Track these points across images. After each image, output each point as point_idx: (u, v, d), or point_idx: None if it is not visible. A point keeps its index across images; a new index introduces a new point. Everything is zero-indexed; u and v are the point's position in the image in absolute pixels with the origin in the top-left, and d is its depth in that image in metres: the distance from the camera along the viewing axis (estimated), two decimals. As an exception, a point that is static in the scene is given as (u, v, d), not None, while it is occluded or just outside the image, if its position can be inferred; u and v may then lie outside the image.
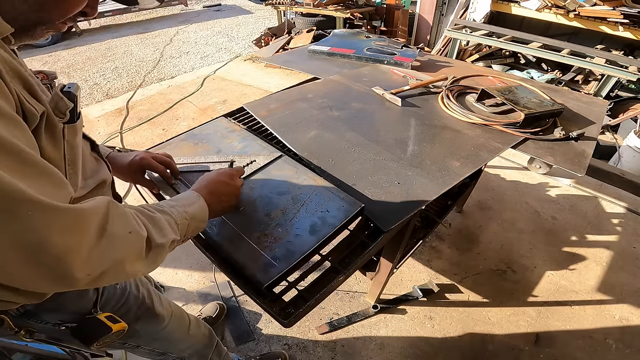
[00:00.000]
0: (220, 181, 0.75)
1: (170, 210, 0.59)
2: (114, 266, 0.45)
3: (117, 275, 0.46)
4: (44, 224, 0.38)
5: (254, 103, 1.35)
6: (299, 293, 0.73)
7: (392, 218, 0.86)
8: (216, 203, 0.72)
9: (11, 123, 0.40)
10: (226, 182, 0.76)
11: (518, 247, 2.02)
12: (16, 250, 0.37)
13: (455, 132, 1.23)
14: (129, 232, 0.47)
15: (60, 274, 0.40)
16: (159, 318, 0.87)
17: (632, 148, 2.59)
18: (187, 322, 1.00)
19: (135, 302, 0.80)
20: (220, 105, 3.57)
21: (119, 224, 0.46)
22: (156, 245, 0.52)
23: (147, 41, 5.77)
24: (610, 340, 1.59)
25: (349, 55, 1.83)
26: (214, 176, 0.76)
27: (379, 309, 1.67)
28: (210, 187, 0.73)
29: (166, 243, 0.54)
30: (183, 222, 0.60)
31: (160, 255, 0.53)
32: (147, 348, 0.89)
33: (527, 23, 4.26)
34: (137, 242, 0.49)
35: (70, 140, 0.54)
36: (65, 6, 0.49)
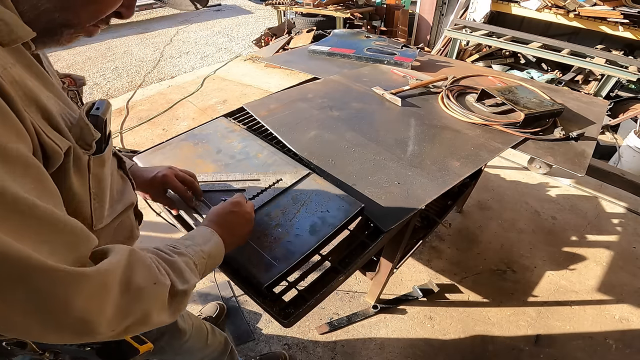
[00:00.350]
0: (229, 211, 0.71)
1: (186, 251, 0.55)
2: (140, 319, 0.42)
3: (143, 327, 0.44)
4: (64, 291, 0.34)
5: (254, 103, 1.35)
6: (299, 293, 0.73)
7: (392, 218, 0.86)
8: (230, 235, 0.68)
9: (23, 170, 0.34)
10: (234, 211, 0.72)
11: (518, 247, 2.02)
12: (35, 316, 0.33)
13: (455, 132, 1.23)
14: (153, 283, 0.44)
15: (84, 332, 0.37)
16: (182, 333, 0.87)
17: (632, 148, 2.59)
18: (205, 333, 1.00)
19: None
20: (220, 105, 3.57)
21: (142, 275, 0.43)
22: (179, 293, 0.48)
23: (147, 41, 5.77)
24: (610, 340, 1.59)
25: (349, 55, 1.83)
26: (221, 208, 0.72)
27: (379, 309, 1.67)
28: (220, 220, 0.69)
29: (189, 289, 0.50)
30: (201, 262, 0.57)
31: (183, 302, 0.50)
32: None
33: (527, 23, 4.26)
34: (162, 292, 0.45)
35: (97, 172, 0.49)
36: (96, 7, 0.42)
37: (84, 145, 0.45)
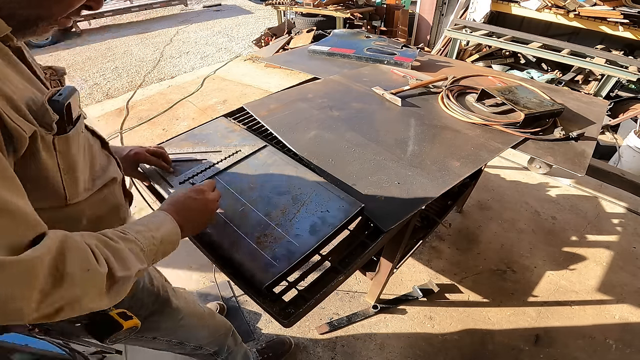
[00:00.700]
0: (188, 197, 0.70)
1: (135, 236, 0.55)
2: (69, 304, 0.43)
3: (74, 312, 0.44)
4: None
5: (254, 103, 1.35)
6: (299, 293, 0.73)
7: (392, 218, 0.86)
8: (185, 221, 0.67)
9: None
10: (194, 197, 0.71)
11: (518, 247, 2.02)
12: None
13: (455, 132, 1.23)
14: (87, 269, 0.44)
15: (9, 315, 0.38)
16: (175, 311, 0.87)
17: (632, 148, 2.59)
18: (202, 313, 1.01)
19: (150, 296, 0.80)
20: (220, 105, 3.57)
21: (75, 262, 0.43)
22: (120, 279, 0.49)
23: (147, 41, 5.77)
24: (610, 340, 1.59)
25: (349, 55, 1.83)
26: (181, 193, 0.71)
27: (379, 309, 1.67)
28: (178, 205, 0.68)
29: (130, 275, 0.51)
30: (151, 249, 0.57)
31: (123, 288, 0.50)
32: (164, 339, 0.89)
33: (527, 23, 4.26)
34: (96, 279, 0.45)
35: (64, 150, 0.52)
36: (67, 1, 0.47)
37: (45, 126, 0.49)
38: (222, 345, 1.10)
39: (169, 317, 0.86)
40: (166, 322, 0.86)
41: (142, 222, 0.61)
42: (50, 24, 0.49)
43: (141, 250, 0.55)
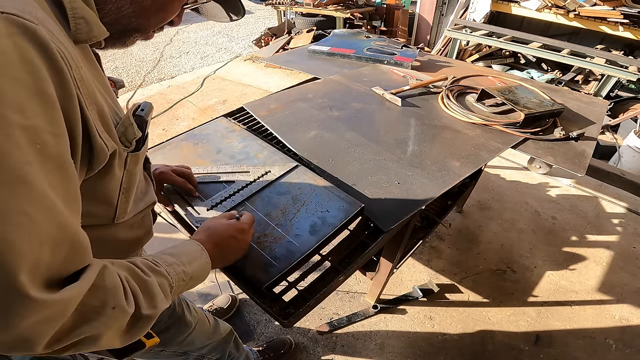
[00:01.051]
0: (231, 236, 0.65)
1: (167, 270, 0.50)
2: (85, 341, 0.38)
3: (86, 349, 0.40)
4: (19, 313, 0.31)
5: (254, 103, 1.35)
6: (299, 293, 0.73)
7: (392, 218, 0.86)
8: (219, 258, 0.63)
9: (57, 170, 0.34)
10: (237, 237, 0.66)
11: (518, 247, 2.02)
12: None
13: (455, 132, 1.23)
14: (112, 307, 0.39)
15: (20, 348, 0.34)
16: (188, 326, 0.87)
17: (632, 148, 2.59)
18: (208, 325, 1.00)
19: (167, 311, 0.79)
20: (220, 105, 3.57)
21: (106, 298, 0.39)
22: (143, 318, 0.44)
23: (147, 41, 5.77)
24: (610, 340, 1.59)
25: (349, 55, 1.83)
26: (224, 228, 0.65)
27: (379, 309, 1.67)
28: (217, 240, 0.63)
29: (155, 315, 0.46)
30: (179, 285, 0.52)
31: (143, 328, 0.45)
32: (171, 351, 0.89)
33: (527, 23, 4.26)
34: (120, 318, 0.41)
35: (131, 169, 0.50)
36: (163, 15, 0.47)
37: (125, 142, 0.46)
38: (224, 352, 1.10)
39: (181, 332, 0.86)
40: (178, 337, 0.86)
41: (174, 252, 0.56)
42: (142, 35, 0.49)
43: (169, 287, 0.50)
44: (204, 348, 1.00)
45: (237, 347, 1.19)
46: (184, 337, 0.88)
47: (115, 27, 0.42)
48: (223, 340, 1.09)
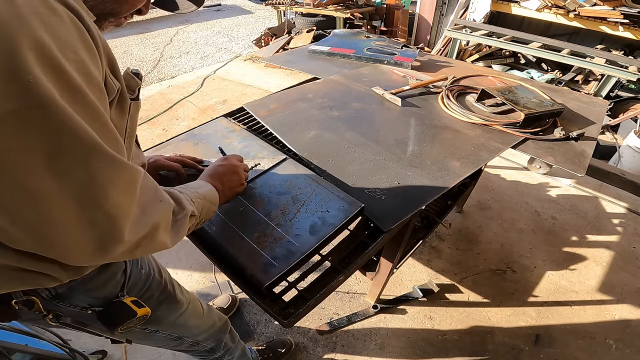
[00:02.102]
0: (216, 165, 0.81)
1: (182, 190, 0.63)
2: (150, 233, 0.47)
3: (150, 244, 0.48)
4: (109, 178, 0.40)
5: (254, 103, 1.35)
6: (299, 293, 0.73)
7: (392, 218, 0.86)
8: (220, 184, 0.77)
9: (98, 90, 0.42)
10: (222, 164, 0.81)
11: (518, 247, 2.02)
12: (74, 206, 0.38)
13: (455, 132, 1.23)
14: (159, 200, 0.50)
15: (109, 237, 0.42)
16: (179, 304, 0.88)
17: (632, 148, 2.59)
18: (201, 309, 1.02)
19: (158, 287, 0.81)
20: (220, 105, 3.57)
21: (151, 192, 0.49)
22: (179, 217, 0.55)
23: (147, 41, 5.77)
24: (611, 340, 1.59)
25: (349, 55, 1.83)
26: (213, 164, 0.82)
27: (379, 309, 1.67)
28: (210, 173, 0.78)
29: (187, 213, 0.58)
30: (197, 201, 0.63)
31: (182, 227, 0.56)
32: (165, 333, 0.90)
33: (527, 23, 4.26)
34: (167, 210, 0.52)
35: (133, 115, 0.58)
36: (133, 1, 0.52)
37: (129, 91, 0.54)
38: (219, 341, 1.10)
39: (173, 310, 0.87)
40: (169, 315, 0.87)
41: (183, 186, 0.68)
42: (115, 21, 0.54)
43: (190, 200, 0.61)
44: (198, 334, 1.01)
45: (233, 339, 1.19)
46: (176, 317, 0.88)
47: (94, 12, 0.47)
48: (219, 329, 1.09)
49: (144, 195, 0.47)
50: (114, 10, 0.51)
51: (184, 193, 0.62)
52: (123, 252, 0.44)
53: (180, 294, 0.89)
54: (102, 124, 0.42)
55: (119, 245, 0.43)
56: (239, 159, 0.87)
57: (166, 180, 0.93)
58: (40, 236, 0.39)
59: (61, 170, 0.37)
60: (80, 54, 0.40)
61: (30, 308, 0.58)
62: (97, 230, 0.41)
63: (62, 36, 0.38)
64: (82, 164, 0.38)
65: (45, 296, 0.59)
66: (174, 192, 0.59)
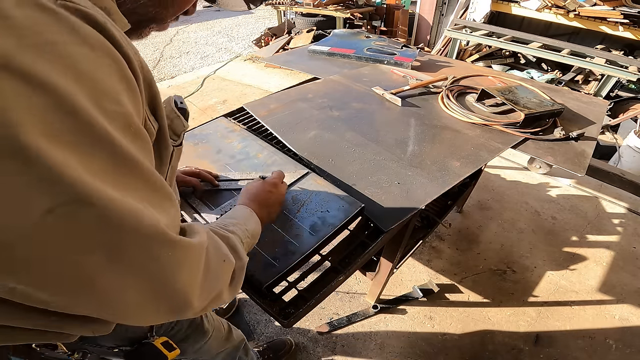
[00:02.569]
0: (267, 191, 0.72)
1: (235, 229, 0.55)
2: (216, 297, 0.42)
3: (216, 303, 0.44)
4: (176, 262, 0.35)
5: (254, 103, 1.35)
6: (299, 293, 0.73)
7: (392, 218, 0.86)
8: (266, 215, 0.69)
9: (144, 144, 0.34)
10: (272, 191, 0.73)
11: (518, 247, 2.02)
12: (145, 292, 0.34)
13: (455, 132, 1.23)
14: (222, 260, 0.44)
15: (181, 310, 0.37)
16: (205, 334, 0.86)
17: (632, 148, 2.59)
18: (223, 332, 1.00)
19: (187, 320, 0.78)
20: (220, 105, 3.57)
21: (217, 254, 0.43)
22: (238, 269, 0.48)
23: (147, 41, 5.77)
24: (611, 340, 1.59)
25: (349, 55, 1.83)
26: (261, 187, 0.72)
27: (379, 309, 1.67)
28: (259, 199, 0.69)
29: (244, 265, 0.50)
30: (247, 242, 0.57)
31: (240, 279, 0.49)
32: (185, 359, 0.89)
33: (527, 23, 4.26)
34: (229, 269, 0.45)
35: (174, 165, 0.49)
36: (180, 3, 0.45)
37: (172, 136, 0.45)
38: (234, 358, 1.11)
39: (199, 341, 0.85)
40: (195, 345, 0.85)
41: (232, 215, 0.60)
42: (157, 26, 0.47)
43: (241, 243, 0.53)
44: (217, 356, 1.00)
45: (246, 353, 1.19)
46: (201, 345, 0.87)
47: (132, 17, 0.39)
48: (235, 348, 1.09)
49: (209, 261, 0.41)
50: (158, 15, 0.43)
51: (237, 235, 0.54)
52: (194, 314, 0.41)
53: (207, 322, 0.87)
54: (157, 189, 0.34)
55: (190, 311, 0.39)
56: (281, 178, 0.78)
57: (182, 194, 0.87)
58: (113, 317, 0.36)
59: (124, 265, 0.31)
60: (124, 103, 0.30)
61: (54, 349, 0.54)
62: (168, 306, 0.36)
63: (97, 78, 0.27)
64: (145, 255, 0.32)
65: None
66: (230, 239, 0.49)
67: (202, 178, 0.87)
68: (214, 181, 0.87)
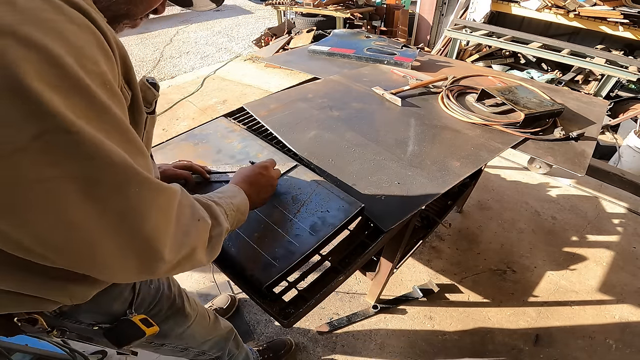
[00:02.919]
0: (257, 173, 0.76)
1: (219, 200, 0.59)
2: (188, 254, 0.45)
3: (188, 263, 0.46)
4: (146, 202, 0.38)
5: (254, 103, 1.35)
6: (299, 293, 0.73)
7: (392, 218, 0.86)
8: (255, 195, 0.73)
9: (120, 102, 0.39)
10: (262, 173, 0.77)
11: (518, 247, 2.02)
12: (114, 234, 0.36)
13: (455, 132, 1.23)
14: (197, 219, 0.47)
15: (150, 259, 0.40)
16: (187, 317, 0.87)
17: (632, 148, 2.59)
18: (208, 320, 1.01)
19: (167, 302, 0.79)
20: (220, 105, 3.56)
21: (188, 211, 0.46)
22: (215, 234, 0.52)
23: (147, 41, 5.77)
24: (611, 340, 1.59)
25: (349, 55, 1.83)
26: (252, 168, 0.77)
27: (379, 309, 1.67)
28: (249, 179, 0.74)
29: (222, 231, 0.54)
30: (231, 214, 0.60)
31: (218, 244, 0.53)
32: (171, 345, 0.89)
33: (527, 23, 4.26)
34: (205, 229, 0.49)
35: (149, 130, 0.54)
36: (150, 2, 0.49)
37: (146, 104, 0.50)
38: (224, 349, 1.10)
39: (180, 324, 0.86)
40: (176, 329, 0.85)
41: (219, 191, 0.65)
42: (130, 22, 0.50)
43: (225, 213, 0.57)
44: (204, 344, 1.00)
45: (237, 345, 1.19)
46: (184, 330, 0.87)
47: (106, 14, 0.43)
48: (224, 337, 1.09)
49: (182, 215, 0.44)
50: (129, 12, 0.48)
51: (220, 205, 0.58)
52: (166, 270, 0.43)
53: (189, 306, 0.88)
54: (130, 140, 0.39)
55: (161, 264, 0.41)
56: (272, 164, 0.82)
57: None
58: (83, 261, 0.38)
59: (98, 198, 0.35)
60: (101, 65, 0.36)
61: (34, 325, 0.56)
62: (138, 252, 0.39)
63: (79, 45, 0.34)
64: (118, 190, 0.36)
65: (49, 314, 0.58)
66: (211, 206, 0.54)
67: (194, 170, 0.90)
68: (205, 174, 0.91)
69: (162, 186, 0.41)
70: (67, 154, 0.32)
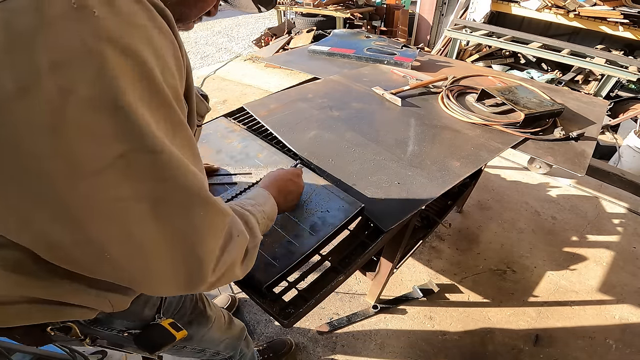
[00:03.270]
0: (289, 179, 0.75)
1: (252, 209, 0.57)
2: (228, 270, 0.43)
3: (228, 279, 0.45)
4: (207, 224, 0.37)
5: (254, 103, 1.35)
6: (299, 293, 0.73)
7: (392, 218, 0.86)
8: (283, 202, 0.71)
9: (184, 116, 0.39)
10: (293, 180, 0.76)
11: (518, 247, 2.02)
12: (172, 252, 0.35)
13: (455, 132, 1.23)
14: (237, 235, 0.45)
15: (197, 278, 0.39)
16: (208, 320, 0.87)
17: (632, 148, 2.59)
18: (223, 321, 1.01)
19: (190, 305, 0.79)
20: (220, 105, 3.56)
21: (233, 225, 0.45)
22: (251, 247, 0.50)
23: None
24: (611, 340, 1.59)
25: (349, 55, 1.83)
26: (282, 174, 0.75)
27: (379, 309, 1.67)
28: (279, 185, 0.72)
29: (257, 244, 0.52)
30: (263, 222, 0.58)
31: (253, 256, 0.51)
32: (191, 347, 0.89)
33: (527, 23, 4.26)
34: (243, 244, 0.47)
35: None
36: (202, 4, 0.48)
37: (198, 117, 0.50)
38: (236, 349, 1.11)
39: (202, 327, 0.86)
40: (200, 331, 0.86)
41: (251, 196, 0.63)
42: (183, 26, 0.50)
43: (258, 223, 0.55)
44: (220, 344, 1.00)
45: (247, 345, 1.19)
46: (205, 332, 0.88)
47: None
48: (237, 337, 1.09)
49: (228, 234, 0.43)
50: (183, 15, 0.47)
51: (254, 215, 0.55)
52: (205, 289, 0.42)
53: (209, 309, 0.88)
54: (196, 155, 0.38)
55: (204, 284, 0.40)
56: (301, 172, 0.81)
57: None
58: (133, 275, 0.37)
59: (166, 217, 0.34)
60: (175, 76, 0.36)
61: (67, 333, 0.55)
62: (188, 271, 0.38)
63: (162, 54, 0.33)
64: (185, 212, 0.35)
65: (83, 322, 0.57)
66: (248, 219, 0.52)
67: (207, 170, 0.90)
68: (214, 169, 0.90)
69: (222, 209, 0.40)
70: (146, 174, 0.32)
